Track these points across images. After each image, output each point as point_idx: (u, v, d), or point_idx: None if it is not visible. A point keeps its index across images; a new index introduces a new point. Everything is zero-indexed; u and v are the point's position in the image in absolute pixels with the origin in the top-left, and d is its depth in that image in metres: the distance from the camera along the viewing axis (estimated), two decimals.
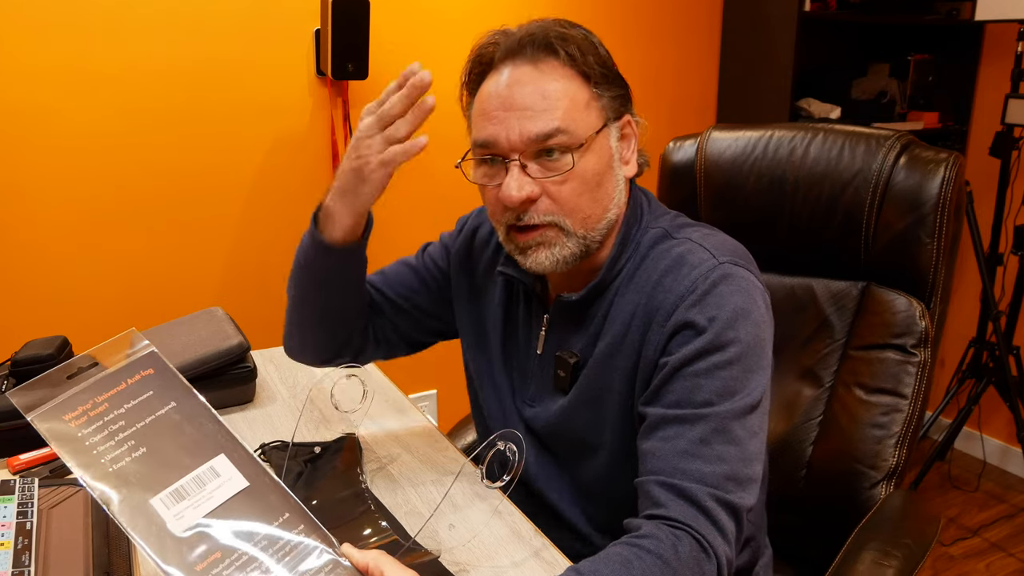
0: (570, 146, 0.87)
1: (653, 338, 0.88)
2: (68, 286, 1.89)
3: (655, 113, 2.56)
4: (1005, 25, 2.47)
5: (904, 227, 1.12)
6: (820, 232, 1.19)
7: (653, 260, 0.92)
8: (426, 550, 0.87)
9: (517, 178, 0.87)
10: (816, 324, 1.21)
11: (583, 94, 0.90)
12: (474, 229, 1.12)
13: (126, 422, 0.70)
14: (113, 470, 0.67)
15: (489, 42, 0.93)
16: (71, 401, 0.69)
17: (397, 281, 1.12)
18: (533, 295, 1.01)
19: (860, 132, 1.18)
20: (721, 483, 0.80)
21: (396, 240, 2.27)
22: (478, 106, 0.92)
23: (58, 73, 1.79)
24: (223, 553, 0.66)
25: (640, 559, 0.74)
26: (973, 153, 2.68)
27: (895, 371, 1.12)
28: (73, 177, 1.85)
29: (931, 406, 2.89)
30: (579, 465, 0.98)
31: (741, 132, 1.28)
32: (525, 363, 1.03)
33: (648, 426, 0.86)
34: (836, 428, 1.15)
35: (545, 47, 0.89)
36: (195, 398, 0.75)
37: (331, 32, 1.94)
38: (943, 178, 1.10)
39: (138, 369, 0.74)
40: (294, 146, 2.08)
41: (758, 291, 0.90)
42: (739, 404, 0.83)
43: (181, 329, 1.31)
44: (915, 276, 1.13)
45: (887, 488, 1.10)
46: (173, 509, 0.67)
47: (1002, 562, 2.25)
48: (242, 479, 0.71)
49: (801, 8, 2.35)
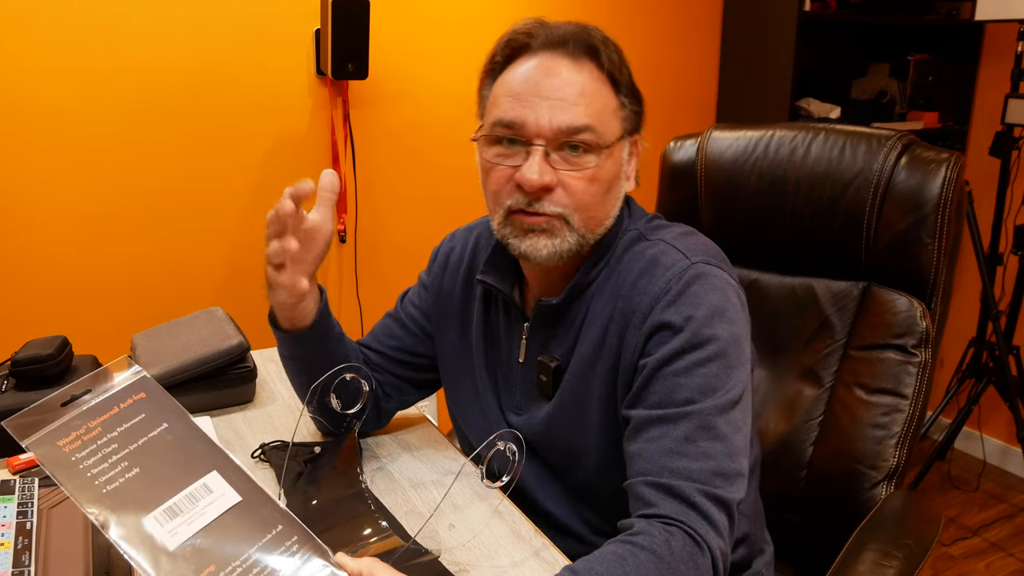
0: (596, 145, 0.88)
1: (631, 341, 0.89)
2: (68, 286, 1.89)
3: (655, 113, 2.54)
4: (1005, 25, 2.47)
5: (905, 227, 1.12)
6: (821, 232, 1.19)
7: (628, 262, 0.94)
8: (426, 550, 0.87)
9: (539, 163, 0.87)
10: (817, 324, 1.21)
11: (613, 101, 0.92)
12: (447, 254, 1.13)
13: (119, 444, 0.72)
14: (107, 491, 0.69)
15: (525, 30, 0.92)
16: (65, 427, 0.71)
17: (384, 335, 1.15)
18: (512, 304, 1.02)
19: (861, 132, 1.18)
20: (709, 479, 0.81)
21: (395, 238, 2.27)
22: (505, 87, 0.91)
23: (57, 73, 1.79)
24: (217, 566, 0.67)
25: (634, 555, 0.75)
26: (973, 153, 2.68)
27: (896, 371, 1.12)
28: (72, 177, 1.85)
29: (931, 406, 2.89)
30: (569, 471, 0.99)
31: (742, 132, 1.28)
32: (508, 373, 1.04)
33: (633, 428, 0.86)
34: (837, 428, 1.15)
35: (587, 48, 0.90)
36: (187, 419, 0.77)
37: (331, 32, 1.94)
38: (944, 178, 1.09)
39: (130, 394, 0.76)
40: (294, 146, 2.08)
41: (732, 289, 0.91)
42: (721, 400, 0.84)
43: (181, 329, 1.31)
44: (916, 276, 1.13)
45: (888, 488, 1.10)
46: (167, 526, 0.68)
47: (1002, 562, 2.25)
48: (235, 494, 0.72)
49: (801, 8, 2.36)
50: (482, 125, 0.94)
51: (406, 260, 2.27)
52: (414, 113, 2.22)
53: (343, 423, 1.08)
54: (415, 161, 2.25)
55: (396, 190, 2.25)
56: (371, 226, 2.23)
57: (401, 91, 2.19)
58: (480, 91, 0.96)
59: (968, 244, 2.38)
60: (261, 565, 0.69)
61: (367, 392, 1.05)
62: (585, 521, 1.00)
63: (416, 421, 1.22)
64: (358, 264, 2.24)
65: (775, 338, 1.24)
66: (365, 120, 2.16)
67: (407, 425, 1.20)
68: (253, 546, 0.70)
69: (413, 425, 1.21)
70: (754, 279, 1.27)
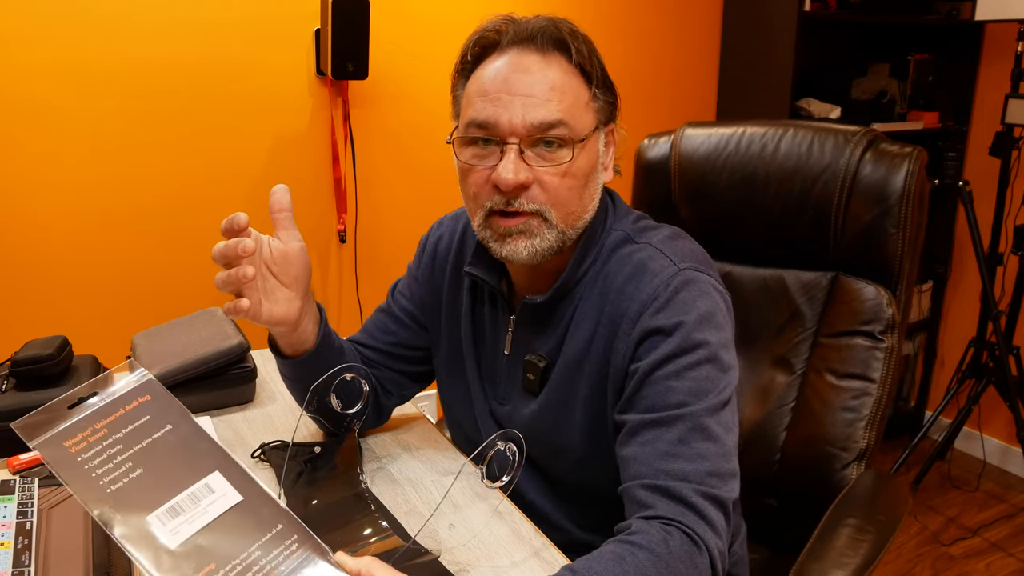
0: (570, 140, 0.88)
1: (620, 346, 0.90)
2: (68, 286, 1.89)
3: (655, 113, 2.56)
4: (1005, 25, 2.47)
5: (871, 219, 1.16)
6: (791, 225, 1.23)
7: (615, 265, 0.94)
8: (426, 550, 0.87)
9: (514, 161, 0.87)
10: (788, 314, 1.25)
11: (585, 93, 0.91)
12: (435, 243, 1.14)
13: (124, 446, 0.73)
14: (111, 491, 0.70)
15: (494, 27, 0.92)
16: (71, 429, 0.72)
17: (377, 330, 1.15)
18: (499, 296, 1.02)
19: (828, 128, 1.22)
20: (704, 479, 0.81)
21: (395, 238, 2.27)
22: (477, 85, 0.91)
23: (57, 72, 1.79)
24: (218, 564, 0.68)
25: (633, 555, 0.75)
26: (973, 153, 2.68)
27: (864, 357, 1.16)
28: (73, 177, 1.85)
29: (931, 406, 2.90)
30: (551, 466, 1.00)
31: (714, 128, 1.32)
32: (494, 363, 1.05)
33: (626, 433, 0.87)
34: (808, 413, 1.19)
35: (556, 42, 0.90)
36: (191, 421, 0.78)
37: (331, 32, 1.94)
38: (907, 171, 1.14)
39: (136, 396, 0.77)
40: (294, 146, 2.09)
41: (719, 294, 0.92)
42: (712, 402, 0.85)
43: (181, 329, 1.31)
44: (882, 265, 1.17)
45: (858, 469, 1.14)
46: (169, 524, 0.69)
47: (1002, 562, 2.25)
48: (236, 494, 0.73)
49: (801, 8, 2.36)
50: (456, 126, 0.94)
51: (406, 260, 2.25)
52: (414, 113, 2.22)
53: (343, 423, 1.08)
54: (415, 161, 2.26)
55: (396, 190, 2.25)
56: (371, 226, 2.23)
57: (401, 91, 2.19)
58: (453, 92, 0.96)
59: (968, 244, 2.38)
60: (261, 563, 0.69)
61: (367, 392, 1.05)
62: (568, 515, 1.01)
63: (416, 420, 1.22)
64: (358, 264, 2.24)
65: (748, 328, 1.27)
66: (365, 120, 2.16)
67: (407, 425, 1.21)
68: (253, 545, 0.70)
69: (413, 425, 1.21)
70: (727, 272, 1.31)
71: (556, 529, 1.00)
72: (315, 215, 2.15)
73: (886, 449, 2.81)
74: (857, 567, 0.93)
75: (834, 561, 0.93)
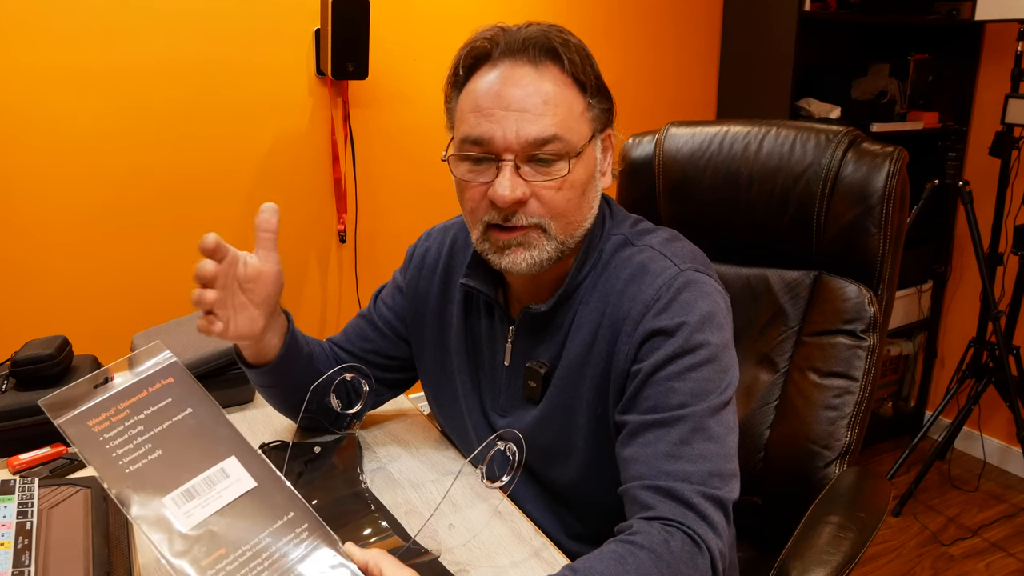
0: (565, 153, 0.87)
1: (622, 348, 0.90)
2: (68, 286, 1.89)
3: (655, 113, 2.56)
4: (1005, 25, 2.47)
5: (853, 218, 1.16)
6: (774, 224, 1.23)
7: (615, 268, 0.94)
8: (426, 550, 0.87)
9: (510, 178, 0.86)
10: (771, 312, 1.25)
11: (579, 104, 0.90)
12: (423, 254, 1.13)
13: (144, 427, 0.74)
14: (130, 471, 0.71)
15: (485, 37, 0.91)
16: (96, 408, 0.74)
17: (357, 336, 1.14)
18: (496, 306, 1.01)
19: (810, 127, 1.23)
20: (706, 480, 0.81)
21: (395, 238, 2.27)
22: (469, 100, 0.90)
23: (57, 72, 1.79)
24: (228, 549, 0.69)
25: (633, 555, 0.75)
26: (973, 153, 2.68)
27: (846, 355, 1.17)
28: (72, 177, 1.85)
29: (931, 406, 2.90)
30: (550, 473, 1.00)
31: (697, 128, 1.32)
32: (492, 375, 1.04)
33: (627, 434, 0.87)
34: (792, 411, 1.20)
35: (548, 51, 0.88)
36: (212, 405, 0.79)
37: (331, 32, 1.94)
38: (888, 171, 1.14)
39: (159, 378, 0.78)
40: (294, 146, 2.09)
41: (720, 295, 0.92)
42: (713, 403, 0.85)
43: (181, 329, 1.31)
44: (864, 265, 1.18)
45: (841, 466, 1.14)
46: (183, 507, 0.70)
47: (1002, 562, 2.25)
48: (251, 480, 0.74)
49: (801, 8, 2.36)
50: (452, 141, 0.93)
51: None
52: (414, 113, 2.22)
53: (343, 423, 1.08)
54: (415, 161, 2.26)
55: (396, 190, 2.25)
56: (371, 226, 2.24)
57: (401, 91, 2.19)
58: (447, 104, 0.95)
59: (968, 244, 2.38)
60: (270, 551, 0.70)
61: (367, 392, 1.05)
62: (562, 523, 1.00)
63: (416, 421, 1.22)
64: (358, 264, 2.24)
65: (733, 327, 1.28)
66: (365, 120, 2.16)
67: (407, 425, 1.20)
68: (264, 531, 0.71)
69: (413, 425, 1.21)
70: None
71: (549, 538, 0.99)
72: (315, 215, 2.15)
73: (886, 449, 2.81)
74: (838, 564, 0.93)
75: (815, 559, 0.94)
